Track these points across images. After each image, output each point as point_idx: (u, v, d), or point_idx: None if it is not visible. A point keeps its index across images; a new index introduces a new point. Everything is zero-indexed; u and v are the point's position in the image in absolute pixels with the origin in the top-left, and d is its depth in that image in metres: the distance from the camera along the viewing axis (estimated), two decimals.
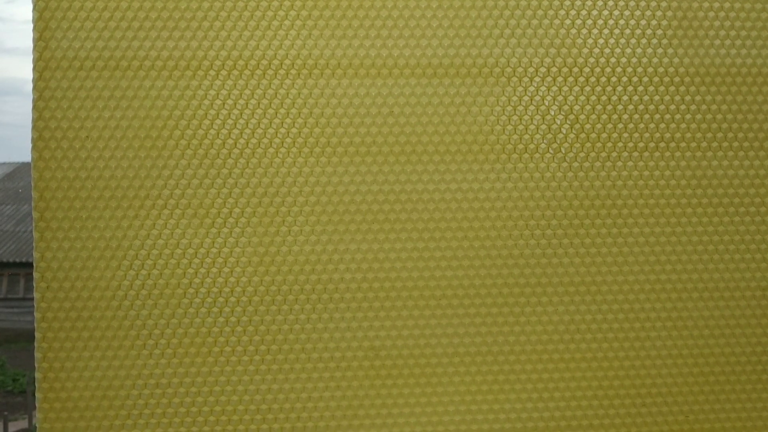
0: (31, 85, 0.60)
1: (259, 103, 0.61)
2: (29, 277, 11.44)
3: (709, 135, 0.65)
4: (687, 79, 0.65)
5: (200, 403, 0.60)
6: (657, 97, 0.65)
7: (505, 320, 0.63)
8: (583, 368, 0.63)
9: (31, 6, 0.60)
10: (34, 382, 0.60)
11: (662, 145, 0.65)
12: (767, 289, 0.65)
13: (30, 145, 0.59)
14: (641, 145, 0.64)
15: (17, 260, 11.68)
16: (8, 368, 9.14)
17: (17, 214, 12.65)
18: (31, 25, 0.60)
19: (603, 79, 0.64)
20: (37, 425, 0.60)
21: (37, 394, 0.59)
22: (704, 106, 0.65)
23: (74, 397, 0.59)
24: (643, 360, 0.64)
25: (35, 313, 0.59)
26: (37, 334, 0.59)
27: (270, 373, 0.61)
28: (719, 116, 0.65)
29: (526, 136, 0.63)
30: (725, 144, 0.65)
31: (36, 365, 0.59)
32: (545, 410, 0.63)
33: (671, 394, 0.64)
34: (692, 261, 0.65)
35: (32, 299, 0.61)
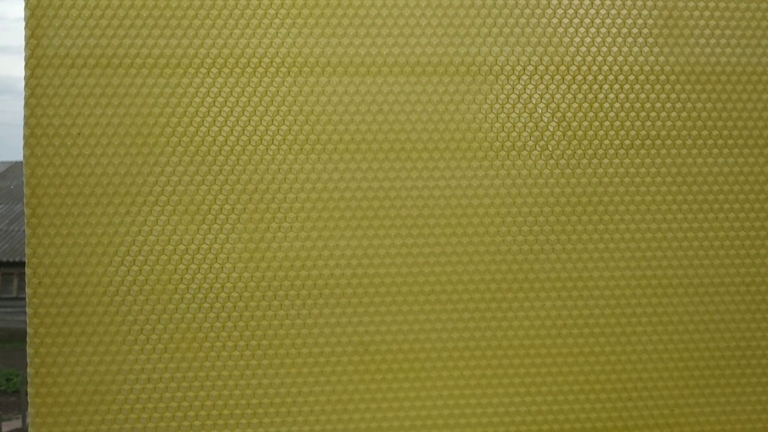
0: (23, 83, 0.60)
1: (249, 101, 0.62)
2: (23, 277, 11.38)
3: (695, 133, 0.66)
4: (673, 78, 0.66)
5: (191, 398, 0.61)
6: (643, 95, 0.65)
7: (493, 315, 0.64)
8: (570, 363, 0.64)
9: (23, 4, 0.60)
10: (27, 382, 0.61)
11: (648, 142, 0.65)
12: (751, 284, 0.66)
13: (22, 144, 0.60)
14: (627, 142, 0.65)
15: (10, 259, 11.65)
16: (2, 368, 9.12)
17: (10, 213, 12.63)
18: (23, 23, 0.60)
19: (590, 77, 0.65)
20: (30, 420, 0.60)
21: (29, 390, 0.60)
22: (689, 104, 0.66)
23: (66, 393, 0.59)
24: (629, 355, 0.65)
25: (27, 309, 0.60)
26: (29, 330, 0.60)
27: (260, 368, 0.61)
28: (704, 114, 0.66)
29: (514, 134, 0.64)
30: (710, 141, 0.66)
31: (28, 361, 0.60)
32: (533, 404, 0.64)
33: (657, 388, 0.65)
34: (678, 257, 0.65)
35: (26, 299, 0.61)
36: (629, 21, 0.65)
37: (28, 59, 0.60)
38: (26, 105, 0.59)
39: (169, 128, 0.61)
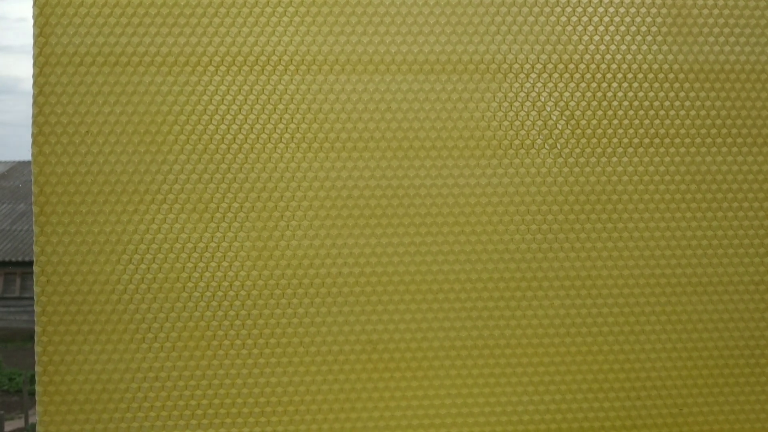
0: (25, 83, 0.62)
1: (257, 99, 0.61)
2: (25, 276, 11.43)
3: (703, 131, 0.66)
4: (681, 76, 0.66)
5: (199, 396, 0.61)
6: (651, 94, 0.65)
7: (500, 314, 0.63)
8: (578, 362, 0.64)
9: (25, 4, 0.61)
10: (29, 381, 0.61)
11: (656, 140, 0.65)
12: (760, 283, 0.66)
13: (25, 143, 0.60)
14: (636, 140, 0.65)
15: (13, 259, 11.66)
16: (4, 367, 9.13)
17: (13, 213, 12.64)
18: (25, 23, 0.62)
19: (598, 75, 0.65)
20: (37, 418, 0.60)
21: (37, 388, 0.60)
22: (698, 103, 0.66)
23: (74, 390, 0.59)
24: (637, 354, 0.65)
25: (35, 307, 0.60)
26: (37, 328, 0.60)
27: (268, 367, 0.61)
28: (713, 112, 0.66)
29: (522, 132, 0.64)
30: (719, 140, 0.66)
31: (36, 358, 0.60)
32: (540, 403, 0.64)
33: (665, 387, 0.65)
34: (686, 256, 0.65)
35: (28, 298, 0.61)
36: (637, 19, 0.65)
37: (36, 57, 0.60)
38: (35, 103, 0.59)
39: (177, 126, 0.61)
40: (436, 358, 0.63)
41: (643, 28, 0.65)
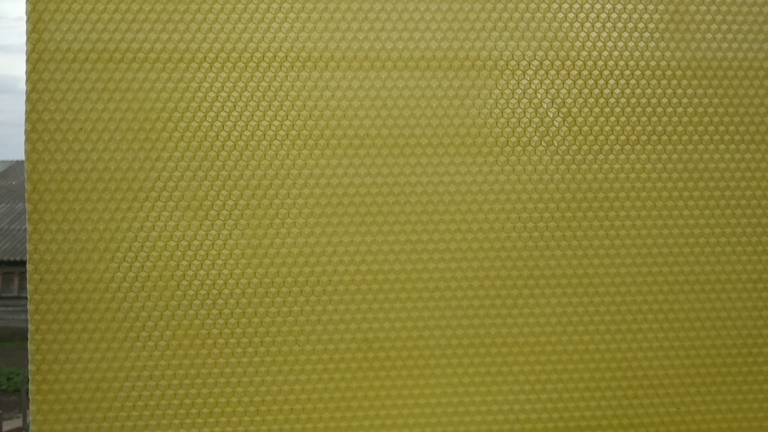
0: (23, 83, 0.60)
1: (252, 96, 0.61)
2: (24, 276, 11.41)
3: (701, 128, 0.66)
4: (679, 73, 0.65)
5: (194, 395, 0.60)
6: (649, 91, 0.65)
7: (497, 313, 0.63)
8: (576, 360, 0.64)
9: (24, 3, 0.60)
10: (28, 381, 0.60)
11: (654, 138, 0.65)
12: (758, 281, 0.66)
13: (23, 141, 0.60)
14: (633, 138, 0.65)
15: (12, 258, 11.66)
16: (2, 367, 9.13)
17: (11, 213, 12.63)
18: (24, 22, 0.60)
19: (596, 72, 0.64)
20: (31, 417, 0.60)
21: (30, 386, 0.59)
22: (696, 100, 0.65)
23: (68, 389, 0.59)
24: (635, 353, 0.64)
25: (28, 306, 0.60)
26: (30, 327, 0.59)
27: (264, 365, 0.61)
28: (711, 110, 0.66)
29: (519, 129, 0.63)
30: (717, 137, 0.66)
31: (29, 358, 0.59)
32: (537, 402, 0.63)
33: (662, 386, 0.64)
34: (684, 254, 0.65)
35: (27, 298, 0.61)
36: (635, 15, 0.65)
37: (29, 54, 0.59)
38: (27, 100, 0.59)
39: (171, 123, 0.60)
40: (431, 356, 0.62)
41: (641, 25, 0.65)
